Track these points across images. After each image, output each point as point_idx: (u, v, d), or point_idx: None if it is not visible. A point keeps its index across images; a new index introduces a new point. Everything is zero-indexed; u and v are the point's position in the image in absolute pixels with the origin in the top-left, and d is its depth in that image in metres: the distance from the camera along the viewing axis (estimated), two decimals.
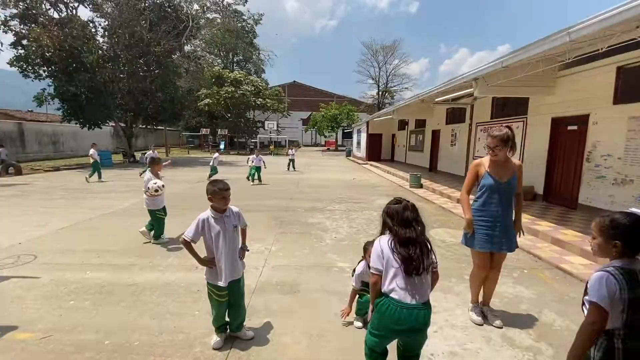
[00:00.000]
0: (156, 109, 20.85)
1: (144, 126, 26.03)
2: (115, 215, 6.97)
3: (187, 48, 24.24)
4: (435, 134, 15.93)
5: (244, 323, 2.75)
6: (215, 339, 2.61)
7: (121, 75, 18.81)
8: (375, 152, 23.83)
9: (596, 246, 1.62)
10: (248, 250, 2.75)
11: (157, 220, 5.15)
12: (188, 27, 19.96)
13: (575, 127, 7.53)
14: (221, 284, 2.47)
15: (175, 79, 21.37)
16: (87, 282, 3.72)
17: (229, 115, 34.94)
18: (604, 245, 1.56)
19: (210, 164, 13.19)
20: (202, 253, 2.59)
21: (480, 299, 3.13)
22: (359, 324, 2.91)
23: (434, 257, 1.96)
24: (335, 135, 43.47)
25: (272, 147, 35.45)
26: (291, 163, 17.04)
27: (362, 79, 64.88)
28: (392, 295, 1.86)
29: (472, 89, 8.52)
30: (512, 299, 3.46)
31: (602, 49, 5.03)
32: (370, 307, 2.02)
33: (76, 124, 19.40)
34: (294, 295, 3.49)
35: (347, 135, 52.04)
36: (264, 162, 12.63)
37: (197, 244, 2.55)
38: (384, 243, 1.94)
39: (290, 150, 17.88)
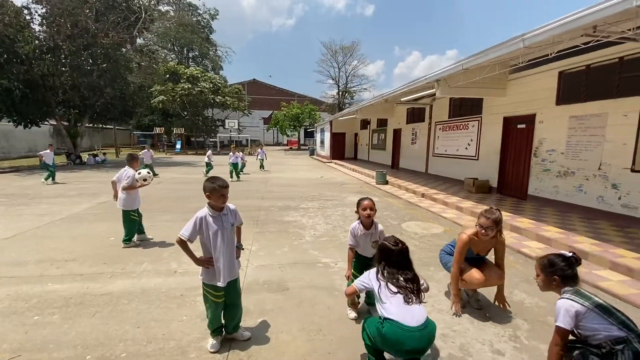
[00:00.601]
0: (105, 105, 19.24)
1: (90, 125, 23.89)
2: (68, 221, 6.34)
3: (139, 41, 22.60)
4: (397, 133, 16.60)
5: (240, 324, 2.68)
6: (211, 342, 2.51)
7: (63, 69, 17.04)
8: (339, 150, 24.24)
9: (541, 282, 2.05)
10: (243, 249, 2.68)
11: (130, 222, 4.82)
12: (140, 18, 18.64)
13: (524, 126, 8.31)
14: (220, 284, 2.38)
15: (126, 74, 19.87)
16: (50, 295, 3.36)
17: (186, 113, 33.36)
18: (546, 281, 2.00)
19: (206, 160, 14.15)
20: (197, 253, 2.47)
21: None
22: (353, 314, 2.97)
23: (424, 284, 2.23)
24: (297, 134, 43.44)
25: (233, 146, 34.47)
26: (261, 162, 16.92)
27: (322, 78, 65.61)
28: (391, 317, 2.00)
29: (433, 90, 9.05)
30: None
31: (551, 54, 5.62)
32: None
33: (9, 121, 17.26)
34: (284, 293, 3.46)
35: (310, 135, 52.25)
36: (242, 159, 13.87)
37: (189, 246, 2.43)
38: (372, 275, 2.21)
39: (259, 150, 17.50)
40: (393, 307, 2.01)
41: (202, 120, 34.96)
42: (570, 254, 1.96)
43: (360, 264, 2.99)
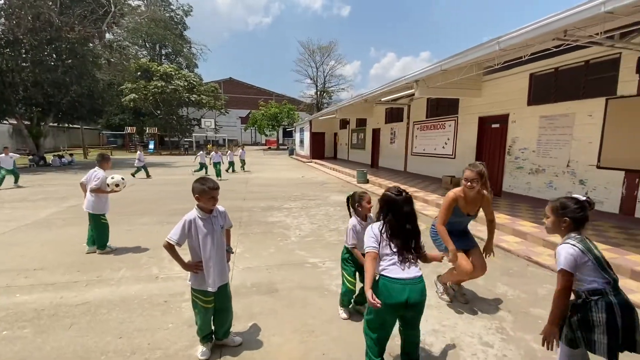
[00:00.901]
0: (71, 104, 18.19)
1: (55, 124, 22.50)
2: (35, 227, 5.93)
3: (108, 36, 21.52)
4: (376, 133, 16.82)
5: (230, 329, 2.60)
6: (201, 349, 2.42)
7: (24, 64, 15.93)
8: (319, 150, 24.24)
9: (550, 224, 1.94)
10: (233, 253, 2.60)
11: (100, 227, 4.53)
12: (109, 12, 17.74)
13: (498, 125, 8.66)
14: (210, 289, 2.29)
15: (94, 71, 18.87)
16: (20, 308, 3.11)
17: (159, 112, 32.19)
18: (556, 223, 1.90)
19: (200, 160, 14.17)
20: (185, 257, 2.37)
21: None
22: (344, 314, 2.96)
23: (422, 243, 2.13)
24: (276, 134, 43.07)
25: (210, 146, 33.61)
26: (242, 163, 16.37)
27: (300, 78, 65.26)
28: (384, 273, 1.97)
29: (411, 90, 9.23)
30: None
31: (524, 56, 5.87)
32: (368, 290, 1.91)
33: None
34: (273, 295, 3.40)
35: (288, 134, 51.93)
36: (222, 158, 13.83)
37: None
38: (376, 230, 2.04)
39: (239, 150, 16.83)
40: (390, 264, 1.98)
41: (176, 120, 33.85)
42: (584, 198, 1.88)
43: (356, 266, 2.91)
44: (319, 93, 46.57)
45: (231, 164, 15.58)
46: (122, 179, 4.59)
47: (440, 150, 11.19)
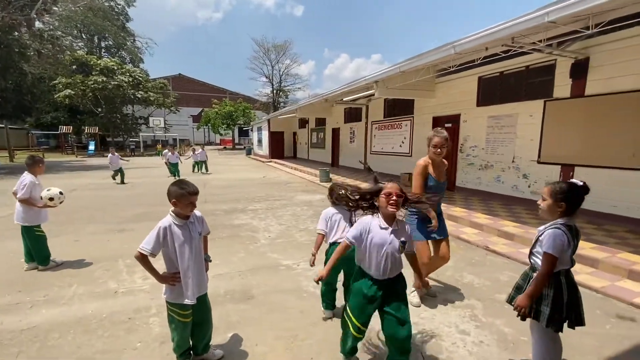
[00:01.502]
0: None
1: None
2: None
3: (38, 25, 19.12)
4: (335, 132, 17.05)
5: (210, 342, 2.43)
6: None
7: None
8: (278, 149, 23.95)
9: (545, 207, 1.98)
10: (210, 261, 2.44)
11: (36, 240, 3.95)
12: None
13: (450, 125, 9.22)
14: (188, 301, 2.12)
15: (21, 62, 16.66)
16: None
17: (100, 110, 29.47)
18: (552, 206, 1.94)
19: (171, 161, 13.31)
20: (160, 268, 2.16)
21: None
22: (328, 313, 2.93)
23: None
24: (231, 133, 41.73)
25: (159, 146, 31.50)
26: (203, 165, 15.24)
27: (255, 76, 63.79)
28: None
29: (371, 91, 9.48)
30: (440, 269, 4.06)
31: (477, 60, 6.32)
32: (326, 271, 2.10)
33: None
34: (250, 302, 3.26)
35: (244, 134, 50.68)
36: (180, 158, 13.67)
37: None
38: (375, 225, 2.03)
39: (197, 150, 15.45)
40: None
41: (120, 118, 31.25)
42: (582, 183, 1.91)
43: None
44: (275, 92, 45.94)
45: (198, 164, 15.05)
46: (60, 193, 3.98)
47: (397, 148, 11.66)
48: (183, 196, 2.07)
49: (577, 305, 1.94)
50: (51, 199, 3.88)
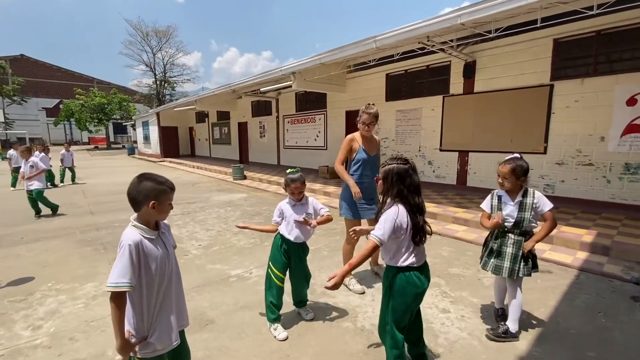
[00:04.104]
0: None
1: None
2: None
3: None
4: (242, 126, 16.13)
5: None
6: None
7: None
8: (172, 147, 21.28)
9: (509, 184, 2.33)
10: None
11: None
12: None
13: None
14: (168, 349, 1.50)
15: None
16: None
17: None
18: (516, 183, 2.31)
19: (66, 165, 10.76)
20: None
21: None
22: (281, 334, 2.47)
23: None
24: (104, 130, 35.02)
25: (46, 145, 23.78)
26: (72, 172, 10.96)
27: (132, 63, 54.82)
28: (410, 265, 1.85)
29: (288, 82, 9.23)
30: None
31: (397, 54, 6.76)
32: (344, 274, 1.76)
33: None
34: (210, 328, 2.64)
35: (122, 130, 43.50)
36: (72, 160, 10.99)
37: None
38: (403, 215, 1.80)
39: (65, 152, 10.84)
40: (412, 250, 1.86)
41: None
42: (519, 155, 2.34)
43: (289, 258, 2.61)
44: (159, 83, 40.54)
45: (66, 170, 10.98)
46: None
47: (312, 142, 11.77)
48: (164, 193, 1.50)
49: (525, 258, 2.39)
50: None
